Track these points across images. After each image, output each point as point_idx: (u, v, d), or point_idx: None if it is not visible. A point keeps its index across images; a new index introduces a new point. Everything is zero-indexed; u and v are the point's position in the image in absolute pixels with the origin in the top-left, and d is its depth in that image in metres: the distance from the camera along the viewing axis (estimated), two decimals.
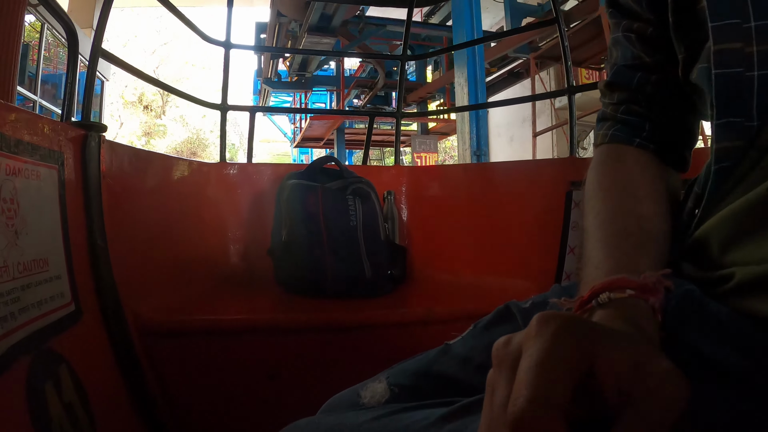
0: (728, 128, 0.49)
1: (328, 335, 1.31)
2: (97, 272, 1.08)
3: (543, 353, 0.34)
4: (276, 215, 1.71)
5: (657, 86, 0.68)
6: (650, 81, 0.68)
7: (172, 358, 1.22)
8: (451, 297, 1.68)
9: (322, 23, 8.71)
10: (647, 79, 0.69)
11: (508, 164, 2.20)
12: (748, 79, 0.48)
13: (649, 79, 0.69)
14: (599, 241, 0.59)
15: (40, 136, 0.92)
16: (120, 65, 1.47)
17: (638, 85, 0.70)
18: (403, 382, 0.60)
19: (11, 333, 0.75)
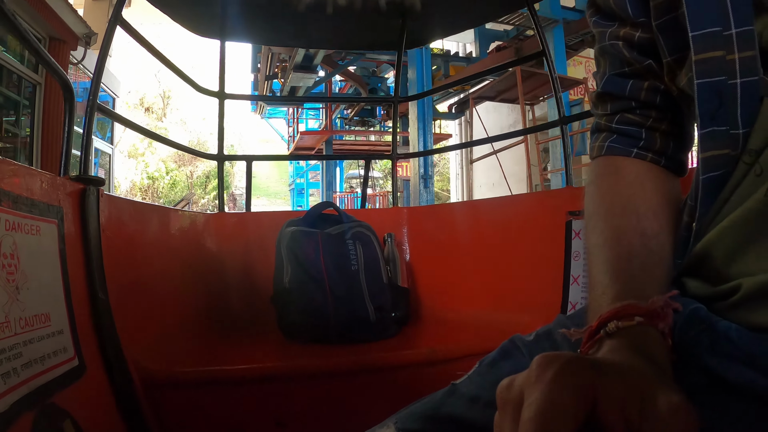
0: (713, 137, 0.48)
1: (334, 380, 1.30)
2: (99, 326, 1.07)
3: (543, 402, 0.34)
4: (277, 262, 1.71)
5: (650, 92, 0.67)
6: (643, 87, 0.67)
7: (178, 409, 1.21)
8: (456, 335, 1.67)
9: (305, 63, 10.02)
10: (640, 85, 0.67)
11: (505, 199, 2.21)
12: (732, 87, 0.47)
13: (641, 85, 0.67)
14: (604, 264, 0.58)
15: (39, 192, 0.93)
16: (116, 119, 1.49)
17: (631, 92, 0.68)
18: (411, 426, 0.59)
19: (15, 389, 0.74)
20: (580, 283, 1.53)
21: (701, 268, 0.52)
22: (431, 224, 2.18)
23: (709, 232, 0.50)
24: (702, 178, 0.50)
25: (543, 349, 0.66)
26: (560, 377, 0.34)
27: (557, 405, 0.33)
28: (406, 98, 2.57)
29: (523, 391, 0.36)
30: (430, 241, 2.15)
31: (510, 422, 0.35)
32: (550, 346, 0.65)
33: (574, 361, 0.36)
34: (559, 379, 0.34)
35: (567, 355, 0.37)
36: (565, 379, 0.34)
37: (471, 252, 2.00)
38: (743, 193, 0.46)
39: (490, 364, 0.67)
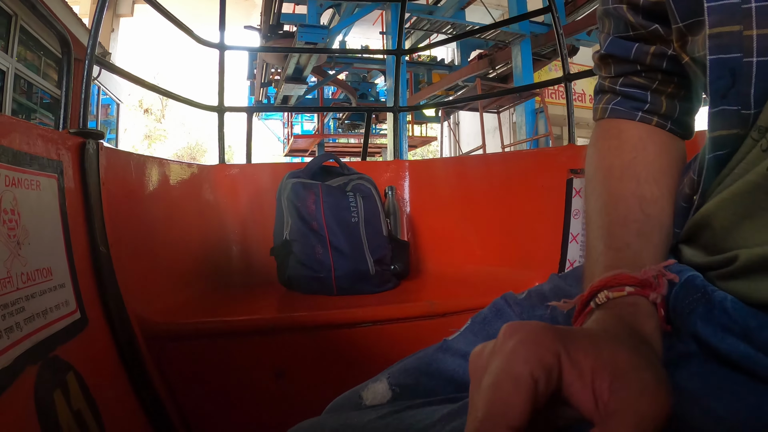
0: (724, 116, 0.46)
1: (333, 332, 1.31)
2: (101, 279, 1.08)
3: (499, 371, 0.34)
4: (277, 215, 1.71)
5: (657, 57, 0.63)
6: (649, 52, 0.63)
7: (179, 361, 1.22)
8: (455, 290, 1.68)
9: (295, 74, 10.49)
10: (646, 50, 0.64)
11: (507, 155, 2.20)
12: (747, 66, 0.44)
13: (647, 50, 0.63)
14: (600, 229, 0.58)
15: (38, 146, 0.92)
16: (117, 72, 1.48)
17: (636, 56, 0.64)
18: (403, 381, 0.59)
19: (18, 343, 0.75)
20: (579, 242, 1.53)
21: (699, 237, 0.52)
22: (433, 178, 2.17)
23: (708, 202, 0.49)
24: (708, 157, 0.49)
25: (533, 306, 0.66)
26: (520, 347, 0.34)
27: (513, 374, 0.33)
28: (408, 51, 2.52)
29: (488, 359, 0.36)
30: (431, 195, 2.15)
31: (477, 390, 0.35)
32: (540, 303, 0.66)
33: (538, 330, 0.35)
34: (519, 348, 0.34)
35: (532, 324, 0.36)
36: (524, 349, 0.34)
37: (472, 207, 2.00)
38: (746, 167, 0.44)
39: (482, 321, 0.67)
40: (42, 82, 8.08)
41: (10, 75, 7.02)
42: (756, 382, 0.39)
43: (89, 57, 1.27)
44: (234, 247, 1.95)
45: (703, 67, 0.51)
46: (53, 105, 8.42)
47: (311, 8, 8.90)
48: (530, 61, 9.18)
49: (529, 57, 9.12)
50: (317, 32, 8.55)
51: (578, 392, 0.34)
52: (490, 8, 10.75)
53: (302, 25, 8.69)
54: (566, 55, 1.82)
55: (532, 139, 9.11)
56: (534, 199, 1.76)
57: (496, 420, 0.32)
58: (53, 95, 8.39)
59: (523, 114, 9.46)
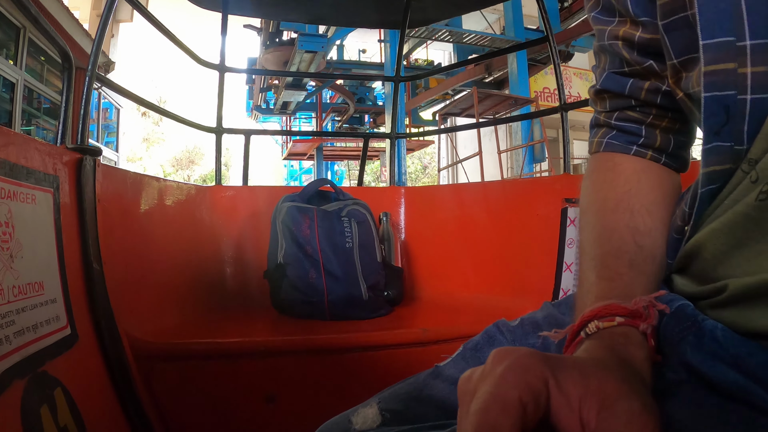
0: (717, 152, 0.46)
1: (325, 357, 1.31)
2: (93, 295, 1.07)
3: (488, 396, 0.34)
4: (272, 238, 1.71)
5: (651, 92, 0.64)
6: (644, 87, 0.64)
7: (169, 381, 1.21)
8: (447, 317, 1.68)
9: (295, 81, 10.87)
10: (641, 85, 0.64)
11: (502, 183, 2.21)
12: (741, 103, 0.44)
13: (642, 85, 0.64)
14: (593, 260, 0.58)
15: (35, 160, 0.92)
16: (117, 90, 1.48)
17: (631, 91, 0.65)
18: (394, 406, 0.59)
19: (6, 356, 0.74)
20: (573, 270, 1.53)
21: (690, 266, 0.52)
22: (428, 205, 2.18)
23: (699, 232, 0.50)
24: (701, 191, 0.49)
25: (526, 334, 0.66)
26: (508, 372, 0.34)
27: (501, 399, 0.33)
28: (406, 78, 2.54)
29: (477, 384, 0.36)
30: (426, 221, 2.16)
31: (465, 414, 0.35)
32: (533, 331, 0.66)
33: (527, 357, 0.36)
34: (507, 374, 0.34)
35: (521, 350, 0.37)
36: (513, 374, 0.34)
37: (466, 234, 2.00)
38: (736, 198, 0.44)
39: (474, 348, 0.67)
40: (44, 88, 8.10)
41: (19, 87, 7.06)
42: (746, 409, 0.39)
43: (90, 74, 1.27)
44: (228, 268, 1.95)
45: (697, 103, 0.52)
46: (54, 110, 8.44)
47: None
48: (526, 67, 9.38)
49: (524, 63, 9.31)
50: (317, 41, 8.75)
51: (566, 419, 0.34)
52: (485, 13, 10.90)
53: (302, 33, 8.84)
54: (562, 86, 1.83)
55: (528, 144, 9.16)
56: (529, 228, 1.76)
57: None
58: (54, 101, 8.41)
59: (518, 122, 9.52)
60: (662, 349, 0.47)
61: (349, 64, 12.75)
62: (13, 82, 6.98)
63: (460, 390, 0.38)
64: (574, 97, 12.64)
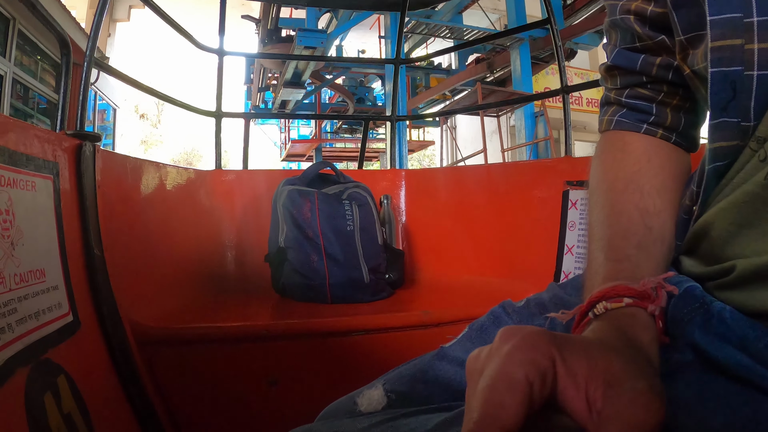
0: (724, 128, 0.46)
1: (327, 340, 1.31)
2: (94, 282, 1.07)
3: (495, 374, 0.34)
4: (273, 222, 1.71)
5: (663, 68, 0.63)
6: (655, 63, 0.63)
7: (171, 366, 1.22)
8: (449, 299, 1.68)
9: (294, 79, 10.67)
10: (652, 61, 0.64)
11: (504, 166, 2.20)
12: (748, 79, 0.44)
13: (653, 61, 0.63)
14: (601, 240, 0.58)
15: (34, 147, 0.92)
16: (115, 75, 1.48)
17: (642, 67, 0.65)
18: (399, 388, 0.59)
19: (9, 344, 0.74)
20: (574, 253, 1.53)
21: (698, 247, 0.52)
22: (429, 187, 2.17)
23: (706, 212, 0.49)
24: (708, 168, 0.49)
25: (532, 315, 0.66)
26: (515, 350, 0.34)
27: (508, 377, 0.33)
28: (407, 60, 2.53)
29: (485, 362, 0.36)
30: (426, 204, 2.15)
31: (473, 393, 0.35)
32: (539, 312, 0.66)
33: (534, 335, 0.36)
34: (514, 352, 0.34)
35: (529, 328, 0.37)
36: (520, 352, 0.34)
37: (467, 217, 2.00)
38: (744, 177, 0.44)
39: (479, 329, 0.67)
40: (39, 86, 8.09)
41: (8, 80, 7.01)
42: (752, 392, 0.39)
43: (88, 59, 1.26)
44: (229, 253, 1.95)
45: (703, 79, 0.52)
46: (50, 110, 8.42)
47: (310, 12, 8.99)
48: (529, 64, 9.27)
49: (527, 61, 9.21)
50: (316, 36, 8.67)
51: (572, 399, 0.34)
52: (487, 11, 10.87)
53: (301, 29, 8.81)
54: (564, 68, 1.82)
55: (533, 143, 9.15)
56: (530, 211, 1.76)
57: (491, 421, 0.32)
58: (50, 99, 8.39)
59: (522, 118, 9.48)
60: (670, 331, 0.47)
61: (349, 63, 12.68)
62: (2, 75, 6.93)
63: (469, 369, 0.38)
64: (575, 98, 12.70)
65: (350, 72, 13.02)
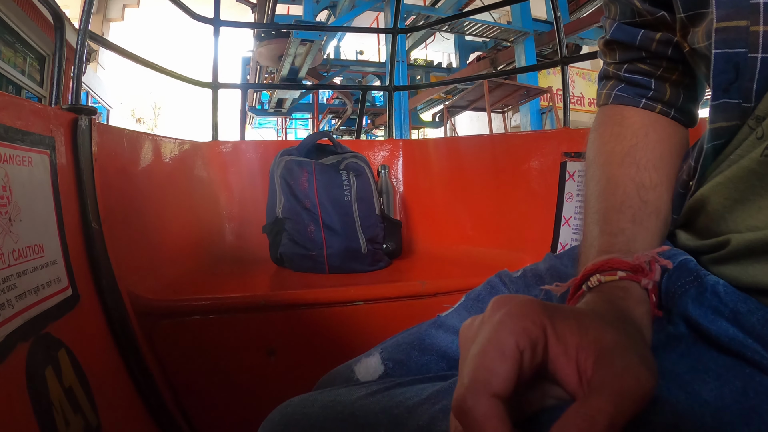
0: (725, 109, 0.46)
1: (325, 310, 1.32)
2: (93, 255, 1.07)
3: (486, 340, 0.34)
4: (270, 192, 1.71)
5: (662, 44, 0.63)
6: (655, 39, 0.63)
7: (171, 337, 1.23)
8: (446, 270, 1.69)
9: (290, 75, 10.54)
10: (651, 36, 0.63)
11: (503, 136, 2.20)
12: (752, 61, 0.44)
13: (653, 36, 0.63)
14: (596, 213, 0.58)
15: (30, 122, 0.91)
16: (111, 48, 1.46)
17: (642, 42, 0.64)
18: (396, 356, 0.60)
19: (9, 320, 0.75)
20: (572, 225, 1.54)
21: (693, 221, 0.53)
22: (427, 158, 2.17)
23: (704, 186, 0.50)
24: (707, 146, 0.49)
25: (528, 285, 0.67)
26: (507, 318, 0.35)
27: (499, 344, 0.34)
28: (405, 30, 2.51)
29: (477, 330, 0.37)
30: (424, 174, 2.15)
31: (465, 359, 0.36)
32: (535, 282, 0.66)
33: (525, 304, 0.36)
34: (506, 320, 0.35)
35: (521, 297, 0.37)
36: (511, 320, 0.35)
37: (465, 187, 2.00)
38: (741, 153, 0.45)
39: (476, 298, 0.68)
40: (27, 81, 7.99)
41: None
42: (743, 365, 0.40)
43: (82, 31, 1.25)
44: (226, 224, 1.95)
45: (703, 57, 0.52)
46: None
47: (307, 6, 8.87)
48: (534, 59, 9.22)
49: (533, 55, 9.17)
50: None
51: (563, 367, 0.35)
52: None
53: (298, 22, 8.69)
54: (563, 39, 1.81)
55: None
56: (527, 181, 1.76)
57: (481, 386, 0.32)
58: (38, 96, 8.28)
59: (527, 114, 9.42)
60: (663, 304, 0.48)
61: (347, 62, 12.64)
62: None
63: (462, 337, 0.39)
64: (577, 98, 12.71)
65: (348, 71, 12.92)
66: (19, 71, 7.79)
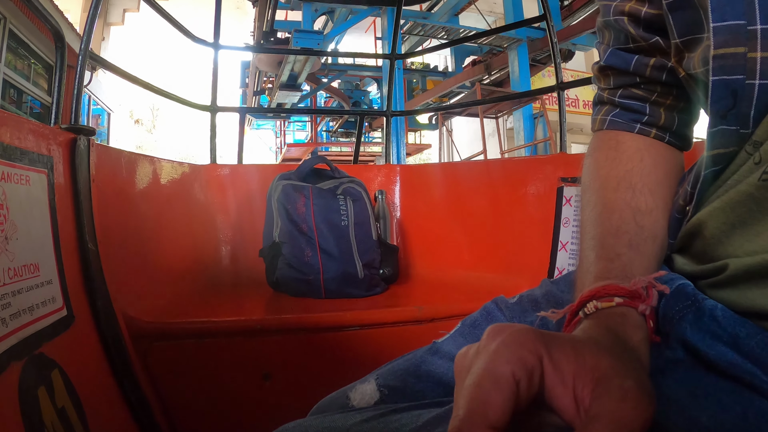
0: (723, 135, 0.46)
1: (321, 335, 1.31)
2: (89, 276, 1.07)
3: (482, 370, 0.34)
4: (267, 216, 1.71)
5: (656, 69, 0.63)
6: (649, 64, 0.63)
7: (165, 360, 1.22)
8: (443, 295, 1.68)
9: (290, 81, 10.51)
10: (645, 62, 0.63)
11: (499, 162, 2.20)
12: (749, 88, 0.44)
13: (647, 62, 0.63)
14: (593, 239, 0.58)
15: (29, 141, 0.92)
16: (110, 69, 1.47)
17: (636, 68, 0.64)
18: (392, 383, 0.59)
19: (3, 339, 0.74)
20: (568, 250, 1.54)
21: (691, 245, 0.52)
22: (423, 183, 2.18)
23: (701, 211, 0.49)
24: (705, 173, 0.49)
25: (525, 311, 0.66)
26: (502, 347, 0.35)
27: (494, 374, 0.33)
28: (403, 55, 2.53)
29: (473, 360, 0.36)
30: (421, 199, 2.15)
31: (460, 389, 0.35)
32: (532, 308, 0.66)
33: (521, 333, 0.36)
34: (501, 350, 0.34)
35: (516, 326, 0.37)
36: (506, 349, 0.34)
37: (462, 213, 2.01)
38: (739, 178, 0.45)
39: (472, 324, 0.67)
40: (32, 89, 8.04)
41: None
42: (742, 390, 0.39)
43: (83, 52, 1.26)
44: (223, 247, 1.95)
45: (699, 83, 0.52)
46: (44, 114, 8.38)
47: (306, 14, 8.96)
48: (527, 65, 9.25)
49: (526, 61, 9.19)
50: (312, 37, 8.62)
51: (560, 396, 0.34)
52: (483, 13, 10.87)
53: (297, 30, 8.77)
54: (560, 64, 1.83)
55: (532, 144, 9.15)
56: (524, 207, 1.76)
57: (477, 418, 0.32)
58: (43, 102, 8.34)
59: (520, 119, 9.45)
60: (661, 329, 0.48)
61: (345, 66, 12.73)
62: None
63: (457, 366, 0.38)
64: (572, 100, 12.83)
65: (346, 75, 13.00)
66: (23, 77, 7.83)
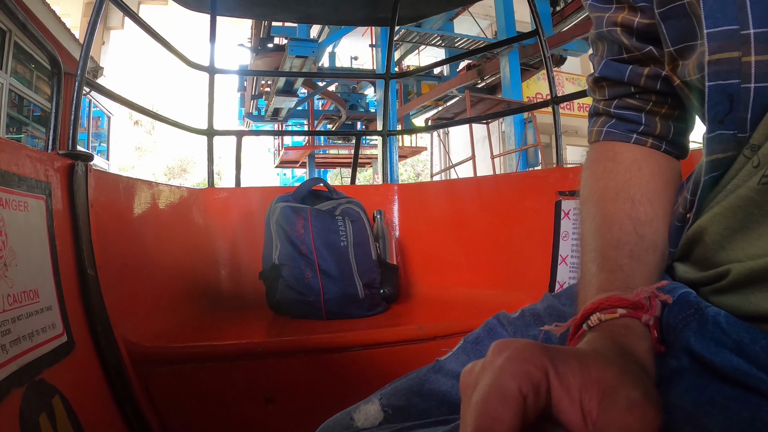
0: (720, 140, 0.46)
1: (323, 356, 1.30)
2: (88, 301, 1.07)
3: (488, 386, 0.34)
4: (266, 239, 1.71)
5: (651, 78, 0.63)
6: (643, 74, 0.63)
7: (167, 385, 1.21)
8: (444, 313, 1.68)
9: (286, 87, 10.92)
10: (640, 72, 0.63)
11: (496, 177, 2.21)
12: (745, 91, 0.44)
13: (641, 72, 0.63)
14: (593, 251, 0.58)
15: (26, 167, 0.92)
16: (106, 94, 1.48)
17: (630, 78, 0.64)
18: (396, 402, 0.58)
19: (3, 365, 0.74)
20: (568, 263, 1.54)
21: (692, 253, 0.52)
22: (421, 202, 2.18)
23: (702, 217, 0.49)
24: (704, 179, 0.49)
25: (527, 326, 0.66)
26: (508, 363, 0.34)
27: (501, 390, 0.33)
28: (397, 75, 2.54)
29: (478, 376, 0.36)
30: (419, 218, 2.16)
31: (467, 407, 0.35)
32: (534, 323, 0.65)
33: (526, 347, 0.35)
34: (507, 365, 0.34)
35: (521, 341, 0.36)
36: (512, 365, 0.34)
37: (460, 230, 2.01)
38: (738, 182, 0.44)
39: (474, 341, 0.66)
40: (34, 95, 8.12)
41: (4, 90, 7.04)
42: (749, 395, 0.39)
43: (79, 79, 1.27)
44: (223, 270, 1.94)
45: (694, 90, 0.52)
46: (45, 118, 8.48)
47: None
48: (518, 71, 9.42)
49: (517, 67, 9.35)
50: (307, 46, 8.79)
51: (567, 410, 0.34)
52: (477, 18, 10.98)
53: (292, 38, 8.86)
54: (553, 79, 1.84)
55: (522, 149, 9.22)
56: (523, 221, 1.76)
57: None
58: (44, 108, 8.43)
59: (512, 124, 9.55)
60: (665, 338, 0.47)
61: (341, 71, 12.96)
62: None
63: (462, 383, 0.38)
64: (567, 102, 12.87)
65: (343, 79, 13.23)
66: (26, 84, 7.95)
